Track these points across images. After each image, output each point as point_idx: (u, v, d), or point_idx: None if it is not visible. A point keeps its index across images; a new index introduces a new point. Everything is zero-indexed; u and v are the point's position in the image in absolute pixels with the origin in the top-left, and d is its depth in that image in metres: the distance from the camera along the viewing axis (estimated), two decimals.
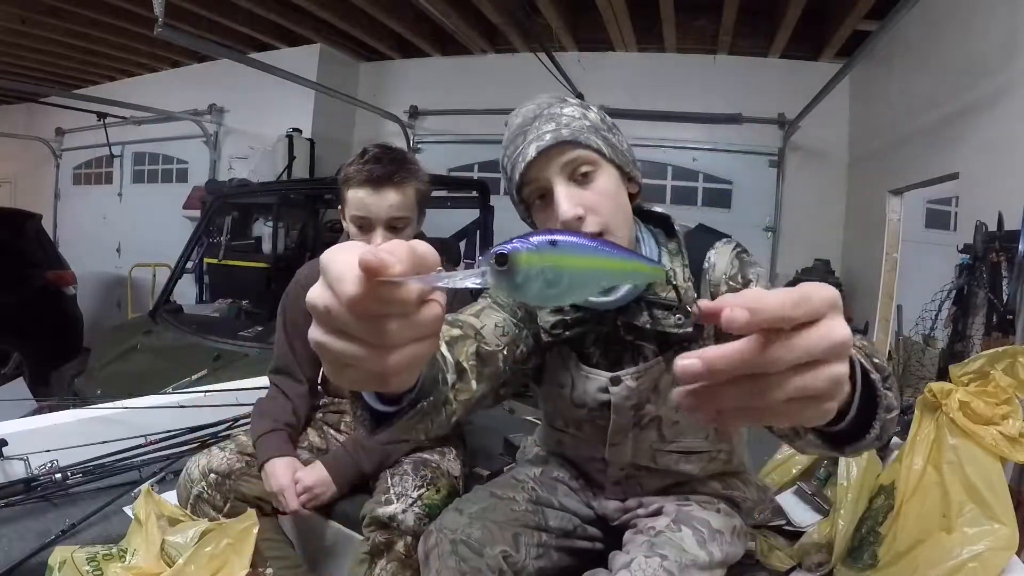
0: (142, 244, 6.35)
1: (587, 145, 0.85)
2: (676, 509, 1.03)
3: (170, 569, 1.06)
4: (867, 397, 0.57)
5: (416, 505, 1.15)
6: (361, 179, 1.22)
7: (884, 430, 0.59)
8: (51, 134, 7.41)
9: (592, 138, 0.86)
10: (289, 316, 1.41)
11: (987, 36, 2.66)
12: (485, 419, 2.04)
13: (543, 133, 0.85)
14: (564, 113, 0.87)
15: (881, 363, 0.61)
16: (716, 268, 0.91)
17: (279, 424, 1.31)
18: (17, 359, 4.69)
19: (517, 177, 0.87)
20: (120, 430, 1.58)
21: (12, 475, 1.40)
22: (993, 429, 1.10)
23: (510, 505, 1.04)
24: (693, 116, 4.82)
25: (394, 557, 1.12)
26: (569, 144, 0.84)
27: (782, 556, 1.21)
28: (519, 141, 0.87)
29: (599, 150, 0.86)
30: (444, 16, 4.60)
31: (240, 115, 5.94)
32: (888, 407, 0.59)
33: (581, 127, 0.86)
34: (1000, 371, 1.13)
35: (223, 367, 2.79)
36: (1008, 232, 2.21)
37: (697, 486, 1.09)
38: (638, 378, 0.94)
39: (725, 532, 1.03)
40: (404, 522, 1.12)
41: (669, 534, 0.98)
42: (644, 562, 0.93)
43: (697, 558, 0.95)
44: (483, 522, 0.99)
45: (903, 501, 1.15)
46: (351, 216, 1.25)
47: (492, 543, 0.96)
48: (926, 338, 2.88)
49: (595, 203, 0.84)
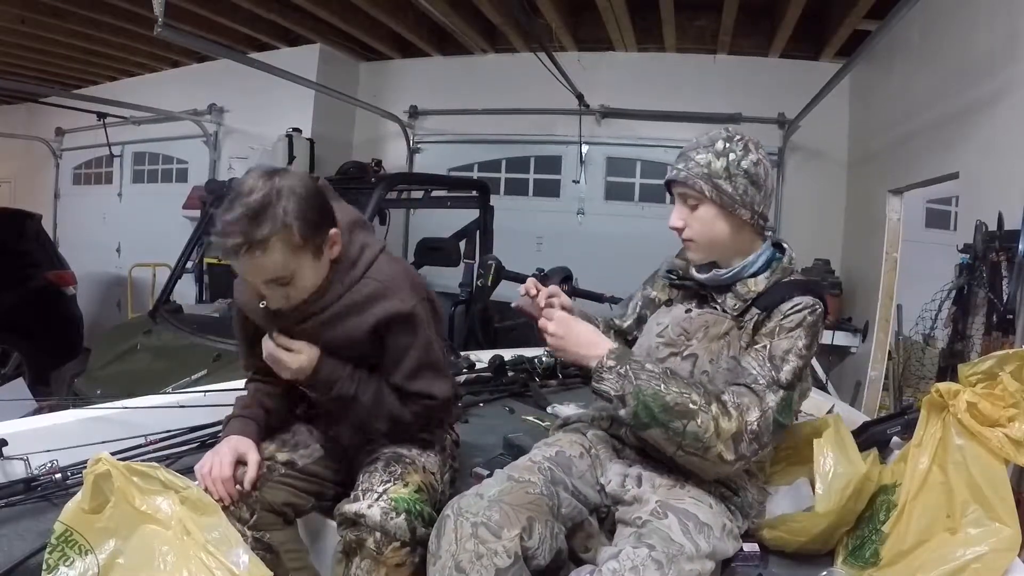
0: (142, 244, 6.34)
1: (691, 187, 1.19)
2: (665, 496, 1.11)
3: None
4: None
5: (382, 500, 1.12)
6: (224, 252, 1.05)
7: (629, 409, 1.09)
8: (51, 134, 7.40)
9: (699, 182, 1.19)
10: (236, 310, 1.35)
11: (987, 36, 2.66)
12: (485, 419, 2.04)
13: (675, 167, 1.23)
14: (696, 159, 1.20)
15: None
16: (783, 307, 1.19)
17: (239, 411, 1.28)
18: (17, 359, 4.69)
19: (665, 180, 1.28)
20: (120, 430, 1.58)
21: (12, 475, 1.40)
22: (999, 431, 1.09)
23: (526, 488, 1.09)
24: (693, 116, 4.82)
25: (366, 554, 1.10)
26: (681, 183, 1.22)
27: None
28: (675, 161, 1.24)
29: (702, 192, 1.19)
30: (444, 16, 4.59)
31: (240, 115, 5.93)
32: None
33: (699, 172, 1.19)
34: (1008, 374, 1.13)
35: (223, 367, 2.78)
36: (1008, 232, 2.21)
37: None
38: (700, 314, 1.27)
39: (714, 528, 1.07)
40: (371, 517, 1.09)
41: (656, 522, 1.04)
42: (632, 552, 0.98)
43: (683, 547, 1.00)
44: (500, 505, 1.03)
45: (907, 500, 1.15)
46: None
47: (510, 526, 1.00)
48: (926, 338, 2.89)
49: (691, 223, 1.23)
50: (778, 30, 4.34)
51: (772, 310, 1.18)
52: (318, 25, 5.11)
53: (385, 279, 1.21)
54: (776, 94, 4.74)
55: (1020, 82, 2.38)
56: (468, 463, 1.56)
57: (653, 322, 1.35)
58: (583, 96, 4.87)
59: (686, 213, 1.23)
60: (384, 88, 5.87)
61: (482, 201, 3.91)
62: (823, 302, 1.20)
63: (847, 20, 3.90)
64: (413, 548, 1.11)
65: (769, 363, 1.14)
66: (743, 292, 1.23)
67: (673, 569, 0.96)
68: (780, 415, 1.12)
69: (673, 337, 1.27)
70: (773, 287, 1.22)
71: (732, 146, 1.20)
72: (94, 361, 3.48)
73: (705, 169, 1.19)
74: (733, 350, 1.20)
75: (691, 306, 1.30)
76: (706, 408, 1.07)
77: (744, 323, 1.21)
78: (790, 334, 1.15)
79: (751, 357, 1.16)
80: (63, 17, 4.85)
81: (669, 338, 1.28)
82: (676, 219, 1.24)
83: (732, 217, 1.20)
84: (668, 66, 5.06)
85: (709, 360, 1.21)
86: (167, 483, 1.01)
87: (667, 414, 1.07)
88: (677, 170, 1.22)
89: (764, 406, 1.10)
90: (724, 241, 1.23)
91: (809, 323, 1.16)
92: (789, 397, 1.14)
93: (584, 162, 5.30)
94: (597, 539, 1.19)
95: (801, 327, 1.16)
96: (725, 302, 1.25)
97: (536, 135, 5.43)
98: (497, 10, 4.47)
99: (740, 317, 1.22)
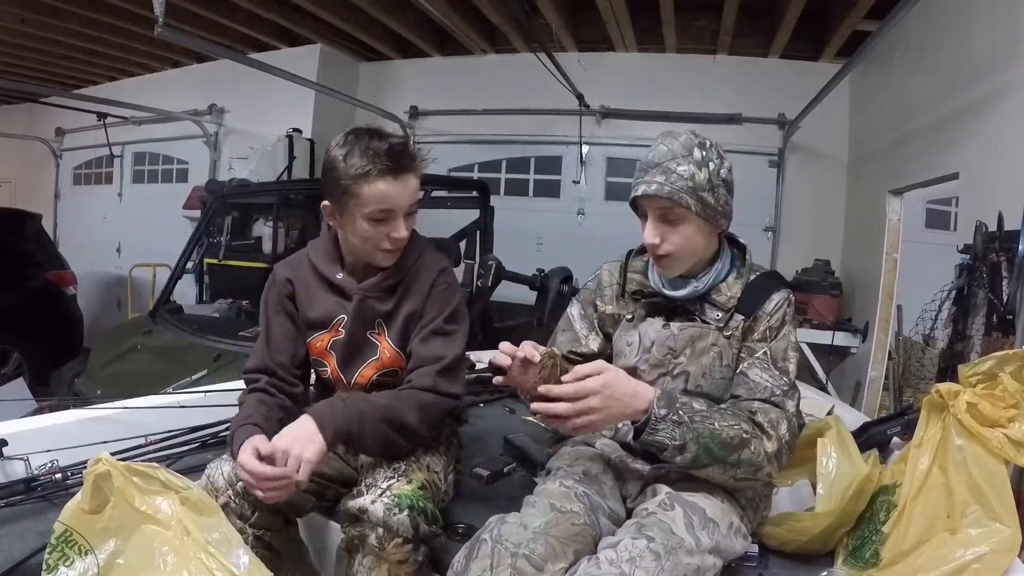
0: (142, 244, 6.34)
1: (678, 203, 1.12)
2: (677, 488, 1.10)
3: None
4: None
5: (385, 495, 1.11)
6: (381, 170, 1.18)
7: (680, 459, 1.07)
8: (51, 134, 7.39)
9: (686, 198, 1.12)
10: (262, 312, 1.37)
11: (987, 36, 2.66)
12: (485, 419, 2.04)
13: (653, 181, 1.13)
14: (678, 171, 1.12)
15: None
16: (765, 308, 1.19)
17: (248, 420, 1.20)
18: (17, 359, 4.70)
19: (631, 196, 1.19)
20: (120, 430, 1.58)
21: (12, 475, 1.40)
22: (999, 432, 1.09)
23: (571, 519, 1.05)
24: (693, 116, 4.81)
25: (368, 551, 1.09)
26: (665, 198, 1.12)
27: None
28: (643, 172, 1.16)
29: (688, 207, 1.12)
30: (444, 16, 4.59)
31: (240, 115, 5.93)
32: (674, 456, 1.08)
33: (683, 187, 1.11)
34: (1008, 374, 1.13)
35: (223, 367, 2.78)
36: (1008, 232, 2.21)
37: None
38: (681, 329, 1.22)
39: (720, 524, 1.06)
40: (374, 513, 1.08)
41: (660, 514, 1.03)
42: (631, 543, 0.96)
43: (683, 540, 0.98)
44: (546, 537, 0.99)
45: (908, 500, 1.15)
46: (372, 211, 1.20)
47: (554, 559, 0.98)
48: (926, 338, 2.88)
49: (671, 238, 1.16)
50: (778, 30, 4.34)
51: (755, 314, 1.19)
52: (318, 25, 5.11)
53: (440, 256, 1.38)
54: (776, 94, 4.74)
55: (1020, 82, 2.38)
56: (468, 463, 1.56)
57: (622, 341, 1.29)
58: (583, 96, 4.87)
59: (665, 229, 1.16)
60: (384, 88, 5.87)
61: (482, 201, 3.91)
62: (790, 287, 1.24)
63: (847, 20, 3.90)
64: (416, 545, 1.10)
65: (776, 369, 1.16)
66: (722, 301, 1.21)
67: (671, 561, 0.94)
68: (799, 416, 1.17)
69: (659, 357, 1.23)
70: (748, 288, 1.21)
71: (709, 154, 1.14)
72: (94, 361, 3.48)
73: (690, 183, 1.12)
74: (726, 359, 1.19)
75: (664, 320, 1.24)
76: (755, 433, 1.08)
77: (730, 331, 1.20)
78: (780, 333, 1.18)
79: (758, 369, 1.16)
80: (63, 17, 4.85)
81: (655, 359, 1.23)
82: (653, 235, 1.17)
83: (710, 228, 1.18)
84: (668, 66, 5.05)
85: (702, 375, 1.20)
86: (167, 483, 1.01)
87: (725, 450, 1.06)
88: (658, 184, 1.12)
89: (788, 416, 1.13)
90: (700, 253, 1.21)
91: (790, 315, 1.20)
92: (797, 393, 1.19)
93: (584, 162, 5.31)
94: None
95: (786, 323, 1.19)
96: (704, 313, 1.22)
97: (536, 135, 5.43)
98: (497, 10, 4.47)
99: (725, 326, 1.20)
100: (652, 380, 1.22)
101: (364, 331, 1.33)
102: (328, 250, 1.36)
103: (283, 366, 1.32)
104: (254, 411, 1.23)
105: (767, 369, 1.15)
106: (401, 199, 1.22)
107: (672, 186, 1.12)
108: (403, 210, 1.23)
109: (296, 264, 1.39)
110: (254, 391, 1.29)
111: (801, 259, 4.50)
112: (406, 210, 1.23)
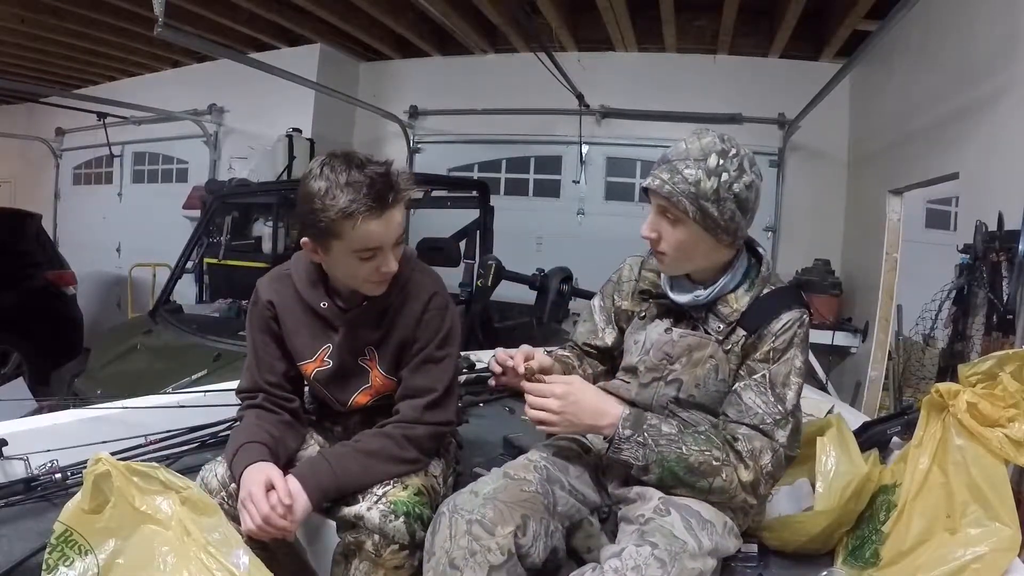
0: (142, 244, 6.34)
1: (674, 204, 1.09)
2: (668, 493, 1.10)
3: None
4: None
5: (381, 502, 1.11)
6: (365, 213, 1.08)
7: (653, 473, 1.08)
8: (51, 134, 7.39)
9: (684, 201, 1.08)
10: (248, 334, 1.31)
11: (987, 36, 2.66)
12: (485, 419, 2.04)
13: (658, 175, 1.11)
14: (684, 172, 1.08)
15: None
16: (772, 327, 1.13)
17: (252, 439, 1.17)
18: (17, 359, 4.70)
19: (642, 185, 1.16)
20: (120, 430, 1.58)
21: (12, 475, 1.40)
22: (999, 431, 1.10)
23: (521, 486, 1.09)
24: (693, 116, 4.81)
25: (365, 557, 1.10)
26: (664, 197, 1.10)
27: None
28: (657, 165, 1.13)
29: (685, 211, 1.08)
30: (444, 16, 4.59)
31: (240, 115, 5.93)
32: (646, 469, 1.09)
33: (685, 190, 1.08)
34: (1008, 374, 1.13)
35: (223, 367, 2.79)
36: (1008, 232, 2.21)
37: None
38: (682, 336, 1.19)
39: (716, 524, 1.07)
40: (370, 520, 1.09)
41: (659, 519, 1.04)
42: (635, 551, 0.97)
43: (687, 544, 0.99)
44: (494, 502, 1.03)
45: (908, 500, 1.15)
46: (359, 251, 1.13)
47: (503, 523, 1.00)
48: (926, 338, 2.88)
49: (668, 238, 1.13)
50: (778, 30, 4.34)
51: (760, 331, 1.12)
52: (318, 25, 5.11)
53: (430, 274, 1.31)
54: (776, 94, 4.74)
55: (1020, 82, 2.38)
56: (468, 463, 1.56)
57: (631, 339, 1.28)
58: (583, 96, 4.87)
59: (663, 226, 1.13)
60: (384, 88, 5.87)
61: (482, 201, 3.91)
62: (807, 307, 1.16)
63: (847, 20, 3.90)
64: (412, 551, 1.10)
65: (772, 395, 1.10)
66: (726, 313, 1.16)
67: (676, 567, 0.95)
68: (791, 449, 1.12)
69: (655, 362, 1.21)
70: (756, 303, 1.15)
71: (726, 164, 1.08)
72: (94, 361, 3.48)
73: (692, 188, 1.07)
74: (722, 373, 1.15)
75: (669, 324, 1.22)
76: (727, 461, 1.06)
77: (730, 345, 1.15)
78: (784, 356, 1.11)
79: (752, 392, 1.10)
80: (63, 17, 4.85)
81: (651, 363, 1.21)
82: (650, 229, 1.14)
83: (712, 240, 1.12)
84: (668, 66, 5.05)
85: (695, 385, 1.17)
86: (167, 483, 1.01)
87: (692, 475, 1.06)
88: (661, 180, 1.10)
89: (775, 446, 1.09)
90: (698, 260, 1.16)
91: (800, 338, 1.13)
92: (797, 423, 1.13)
93: (584, 162, 5.30)
94: (598, 539, 1.18)
95: (793, 346, 1.12)
96: (708, 323, 1.18)
97: (536, 135, 5.43)
98: (497, 10, 4.46)
99: (725, 339, 1.16)
100: (647, 383, 1.21)
101: (354, 359, 1.28)
102: (311, 275, 1.27)
103: (275, 384, 1.28)
104: (256, 428, 1.20)
105: (762, 393, 1.10)
106: (388, 236, 1.14)
107: (673, 187, 1.08)
108: (391, 244, 1.16)
109: (279, 284, 1.30)
110: (251, 407, 1.27)
111: (801, 259, 4.51)
112: (394, 243, 1.16)
